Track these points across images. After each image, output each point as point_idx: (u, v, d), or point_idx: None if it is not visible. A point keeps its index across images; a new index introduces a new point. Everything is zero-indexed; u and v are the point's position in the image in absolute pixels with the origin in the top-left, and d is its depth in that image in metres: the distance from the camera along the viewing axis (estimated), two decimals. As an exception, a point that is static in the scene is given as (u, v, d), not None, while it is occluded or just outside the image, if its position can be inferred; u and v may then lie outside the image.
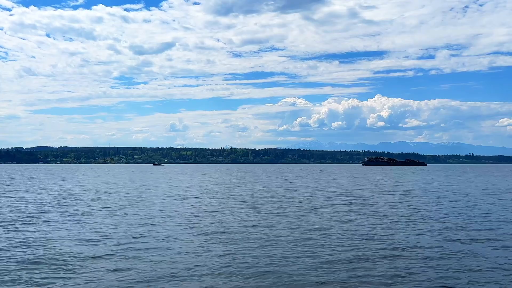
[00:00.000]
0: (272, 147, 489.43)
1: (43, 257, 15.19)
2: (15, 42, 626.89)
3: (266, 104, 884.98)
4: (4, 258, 15.07)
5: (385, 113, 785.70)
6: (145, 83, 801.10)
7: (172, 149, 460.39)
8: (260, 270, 13.75)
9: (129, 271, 13.52)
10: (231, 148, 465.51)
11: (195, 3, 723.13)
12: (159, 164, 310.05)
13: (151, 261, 14.77)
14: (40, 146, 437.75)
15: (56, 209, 28.96)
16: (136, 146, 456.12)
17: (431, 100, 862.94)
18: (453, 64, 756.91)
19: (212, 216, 26.09)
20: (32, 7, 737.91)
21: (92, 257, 15.24)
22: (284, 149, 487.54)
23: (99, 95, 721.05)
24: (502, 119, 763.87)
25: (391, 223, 23.34)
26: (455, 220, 24.45)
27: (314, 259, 15.03)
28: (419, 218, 25.02)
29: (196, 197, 38.85)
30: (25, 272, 13.42)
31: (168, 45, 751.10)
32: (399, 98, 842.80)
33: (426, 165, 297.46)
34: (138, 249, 16.44)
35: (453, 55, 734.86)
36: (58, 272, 13.49)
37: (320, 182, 67.11)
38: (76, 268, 13.85)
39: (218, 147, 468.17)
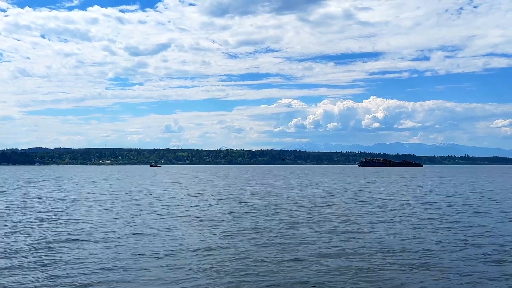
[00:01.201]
0: (268, 148, 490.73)
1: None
2: (9, 43, 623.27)
3: (261, 105, 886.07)
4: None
5: (380, 114, 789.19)
6: (140, 84, 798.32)
7: (168, 150, 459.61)
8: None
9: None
10: (227, 149, 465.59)
11: (190, 4, 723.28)
12: (155, 166, 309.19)
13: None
14: (35, 148, 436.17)
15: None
16: (132, 148, 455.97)
17: (426, 101, 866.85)
18: (448, 65, 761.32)
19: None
20: (27, 8, 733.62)
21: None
22: (281, 151, 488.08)
23: (94, 96, 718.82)
24: (496, 120, 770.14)
25: None
26: None
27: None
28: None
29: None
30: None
31: (164, 46, 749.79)
32: (394, 100, 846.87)
33: (422, 166, 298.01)
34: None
35: (448, 57, 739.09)
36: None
37: (374, 186, 62.98)
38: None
39: (213, 148, 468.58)
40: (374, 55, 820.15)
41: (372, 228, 21.91)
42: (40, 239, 18.85)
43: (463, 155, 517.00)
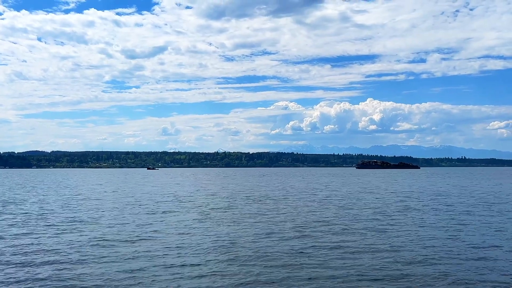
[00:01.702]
0: (265, 151, 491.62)
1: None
2: (6, 46, 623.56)
3: (258, 108, 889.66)
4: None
5: (376, 117, 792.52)
6: (137, 87, 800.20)
7: (165, 153, 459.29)
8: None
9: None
10: (224, 152, 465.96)
11: (187, 7, 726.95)
12: (153, 168, 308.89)
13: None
14: (32, 151, 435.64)
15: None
16: (128, 150, 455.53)
17: (423, 103, 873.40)
18: (444, 67, 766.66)
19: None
20: (23, 11, 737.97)
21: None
22: (278, 153, 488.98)
23: (91, 99, 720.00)
24: (492, 122, 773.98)
25: None
26: None
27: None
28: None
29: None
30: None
31: (160, 49, 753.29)
32: (391, 102, 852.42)
33: (419, 168, 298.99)
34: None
35: (444, 59, 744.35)
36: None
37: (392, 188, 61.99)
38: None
39: (210, 151, 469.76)
40: (370, 58, 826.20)
41: None
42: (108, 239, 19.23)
43: (460, 157, 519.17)
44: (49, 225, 24.05)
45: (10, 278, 13.45)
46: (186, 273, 13.99)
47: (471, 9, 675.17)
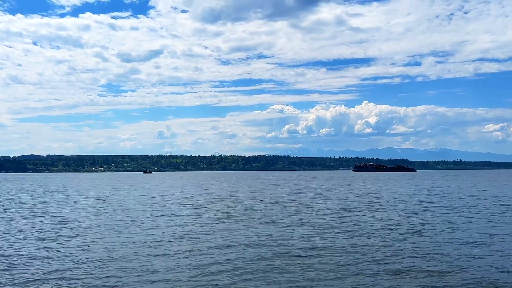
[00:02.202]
0: (261, 154, 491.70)
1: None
2: (1, 50, 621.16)
3: (254, 111, 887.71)
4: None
5: (372, 120, 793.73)
6: (132, 90, 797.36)
7: (161, 156, 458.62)
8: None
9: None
10: (221, 156, 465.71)
11: (183, 11, 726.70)
12: (149, 172, 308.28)
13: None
14: (28, 155, 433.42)
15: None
16: (124, 154, 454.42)
17: (418, 106, 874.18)
18: (439, 70, 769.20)
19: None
20: (18, 15, 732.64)
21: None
22: (274, 156, 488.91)
23: (86, 103, 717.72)
24: (487, 125, 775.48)
25: None
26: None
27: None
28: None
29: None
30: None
31: (156, 53, 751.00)
32: (386, 105, 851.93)
33: (415, 171, 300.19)
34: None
35: (439, 62, 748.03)
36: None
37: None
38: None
39: (206, 155, 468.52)
40: (366, 61, 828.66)
41: None
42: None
43: (455, 160, 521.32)
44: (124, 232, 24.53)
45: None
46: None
47: (465, 13, 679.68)
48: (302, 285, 14.08)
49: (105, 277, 15.08)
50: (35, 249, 19.66)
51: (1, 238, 22.83)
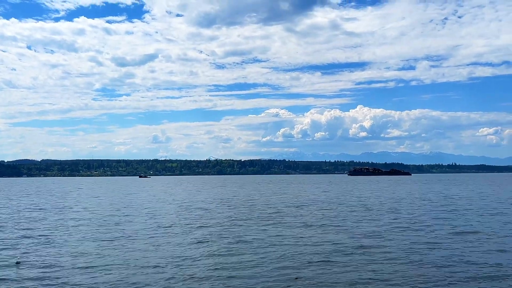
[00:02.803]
0: (256, 158, 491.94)
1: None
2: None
3: (249, 115, 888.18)
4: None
5: (367, 124, 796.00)
6: (127, 95, 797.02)
7: (156, 161, 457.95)
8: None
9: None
10: (216, 160, 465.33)
11: (178, 15, 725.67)
12: (145, 176, 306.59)
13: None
14: (22, 159, 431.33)
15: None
16: (119, 159, 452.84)
17: (412, 110, 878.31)
18: (433, 75, 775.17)
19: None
20: (12, 19, 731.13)
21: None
22: (270, 160, 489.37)
23: (81, 107, 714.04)
24: (482, 129, 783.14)
25: None
26: None
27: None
28: None
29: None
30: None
31: (151, 57, 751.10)
32: (381, 109, 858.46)
33: (410, 175, 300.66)
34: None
35: (433, 66, 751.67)
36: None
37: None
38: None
39: (201, 159, 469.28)
40: (360, 65, 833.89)
41: None
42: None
43: (450, 163, 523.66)
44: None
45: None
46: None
47: (459, 17, 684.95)
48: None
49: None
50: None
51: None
